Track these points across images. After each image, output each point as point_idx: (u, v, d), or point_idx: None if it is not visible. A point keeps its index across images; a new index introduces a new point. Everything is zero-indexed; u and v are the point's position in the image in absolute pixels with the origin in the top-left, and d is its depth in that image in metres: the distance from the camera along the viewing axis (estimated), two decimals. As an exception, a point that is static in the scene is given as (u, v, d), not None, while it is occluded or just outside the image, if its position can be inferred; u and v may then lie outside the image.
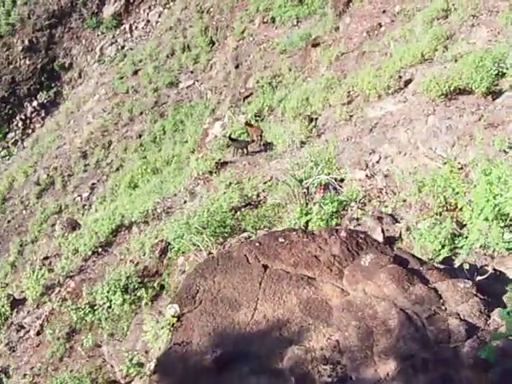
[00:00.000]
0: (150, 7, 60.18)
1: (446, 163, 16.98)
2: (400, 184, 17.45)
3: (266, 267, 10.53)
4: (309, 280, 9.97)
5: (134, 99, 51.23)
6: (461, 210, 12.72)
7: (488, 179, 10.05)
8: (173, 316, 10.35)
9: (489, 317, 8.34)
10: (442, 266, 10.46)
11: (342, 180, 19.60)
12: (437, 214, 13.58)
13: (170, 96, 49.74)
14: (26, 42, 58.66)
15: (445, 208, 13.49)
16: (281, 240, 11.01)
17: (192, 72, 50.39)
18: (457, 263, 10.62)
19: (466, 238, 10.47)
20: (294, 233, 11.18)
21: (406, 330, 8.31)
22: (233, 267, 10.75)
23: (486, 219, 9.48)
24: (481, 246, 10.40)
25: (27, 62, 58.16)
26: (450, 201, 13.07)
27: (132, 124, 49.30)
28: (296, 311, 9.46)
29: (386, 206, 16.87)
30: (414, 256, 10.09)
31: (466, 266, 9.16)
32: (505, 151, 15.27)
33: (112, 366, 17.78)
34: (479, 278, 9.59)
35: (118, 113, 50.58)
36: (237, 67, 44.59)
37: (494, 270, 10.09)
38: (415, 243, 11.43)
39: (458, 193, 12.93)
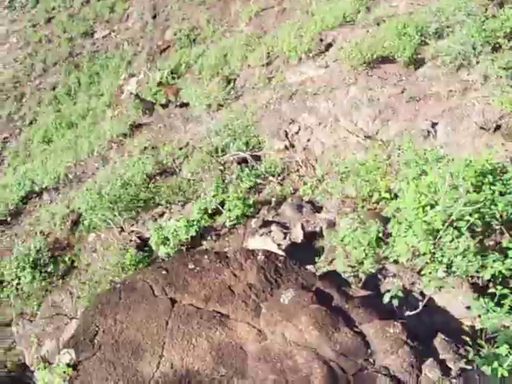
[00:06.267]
0: (62, -50, 57.41)
1: (366, 137, 16.54)
2: (320, 159, 16.96)
3: (173, 302, 9.32)
4: (222, 319, 8.82)
5: (47, 49, 48.96)
6: (385, 202, 12.22)
7: (417, 188, 9.43)
8: (68, 365, 8.86)
9: (420, 371, 7.76)
10: (367, 293, 9.86)
11: (259, 148, 19.00)
12: (360, 206, 13.05)
13: (85, 46, 47.64)
14: None
15: (367, 202, 12.97)
16: (191, 266, 9.76)
17: (108, 22, 48.27)
18: (382, 287, 10.07)
19: (392, 246, 9.85)
20: (206, 256, 9.95)
21: (331, 391, 7.45)
22: (136, 302, 9.48)
23: (415, 236, 8.88)
24: (407, 260, 9.87)
25: None
26: (374, 196, 12.51)
27: (46, 75, 47.16)
28: (207, 359, 8.32)
29: (305, 184, 16.33)
30: (338, 289, 9.28)
31: (396, 303, 8.52)
32: (428, 131, 14.87)
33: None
34: (408, 312, 9.04)
35: (31, 63, 48.29)
36: (154, 18, 43.07)
37: (422, 294, 9.60)
38: (338, 247, 10.78)
39: (382, 187, 12.36)
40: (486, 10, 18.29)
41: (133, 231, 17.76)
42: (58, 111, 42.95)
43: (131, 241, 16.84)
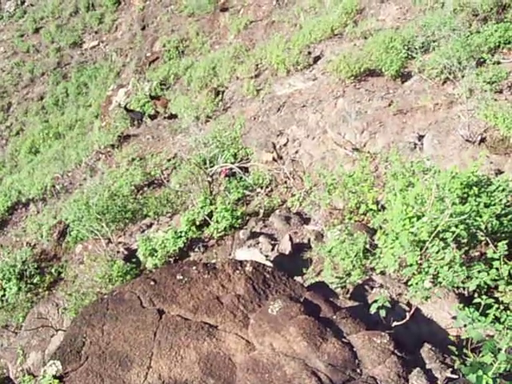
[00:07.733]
0: (51, -40, 57.34)
1: (354, 149, 16.66)
2: (308, 171, 17.05)
3: (161, 313, 9.19)
4: (210, 329, 8.71)
5: (35, 59, 48.89)
6: (372, 214, 12.29)
7: (404, 200, 9.51)
8: (54, 376, 8.63)
9: (407, 380, 7.79)
10: (354, 304, 9.91)
11: (247, 160, 19.08)
12: (347, 218, 13.11)
13: (74, 57, 47.65)
14: None
15: (355, 213, 13.04)
16: (179, 277, 9.70)
17: (96, 32, 48.30)
18: (369, 298, 10.12)
19: (379, 258, 9.92)
20: (194, 268, 9.92)
21: (319, 402, 7.41)
22: (124, 313, 9.33)
23: (402, 247, 8.94)
24: (394, 271, 9.94)
25: None
26: (361, 207, 12.55)
27: (33, 85, 47.10)
28: (195, 370, 8.19)
29: (293, 195, 16.41)
30: (326, 300, 9.29)
31: (383, 314, 8.55)
32: (415, 144, 15.01)
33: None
34: (396, 323, 9.08)
35: (18, 73, 48.23)
36: (143, 29, 43.16)
37: (409, 305, 9.67)
38: (325, 259, 10.86)
39: (369, 199, 12.41)
40: (471, 25, 18.53)
41: (120, 242, 17.74)
42: (45, 121, 42.81)
43: (118, 252, 16.79)
